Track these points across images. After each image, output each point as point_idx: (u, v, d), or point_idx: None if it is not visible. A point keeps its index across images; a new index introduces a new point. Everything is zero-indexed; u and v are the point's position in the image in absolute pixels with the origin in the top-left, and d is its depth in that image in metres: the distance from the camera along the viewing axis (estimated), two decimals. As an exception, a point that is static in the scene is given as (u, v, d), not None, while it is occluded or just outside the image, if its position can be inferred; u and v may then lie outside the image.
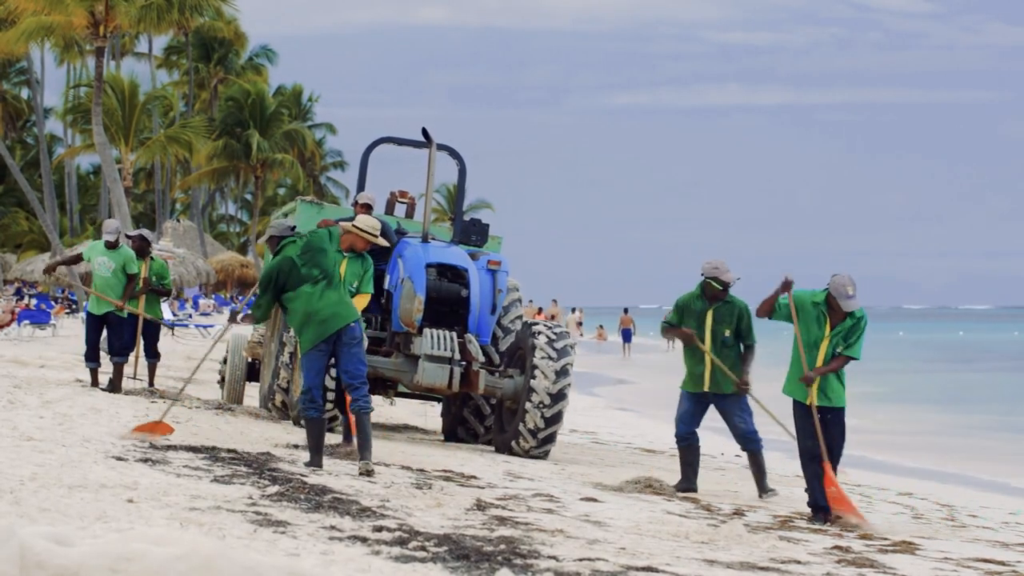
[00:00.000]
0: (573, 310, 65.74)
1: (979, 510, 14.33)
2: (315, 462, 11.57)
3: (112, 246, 17.64)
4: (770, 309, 11.90)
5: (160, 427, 12.53)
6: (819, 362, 11.71)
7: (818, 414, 11.71)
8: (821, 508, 11.63)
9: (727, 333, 13.24)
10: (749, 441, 13.23)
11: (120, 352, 17.62)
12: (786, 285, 11.86)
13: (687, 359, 13.35)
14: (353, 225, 13.35)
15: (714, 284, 13.25)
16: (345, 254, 13.53)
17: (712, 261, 13.33)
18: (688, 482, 13.28)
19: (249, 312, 12.39)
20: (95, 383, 17.63)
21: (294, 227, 12.23)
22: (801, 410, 11.79)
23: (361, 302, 14.28)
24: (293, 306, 11.79)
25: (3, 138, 69.14)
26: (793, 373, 11.84)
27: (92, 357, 17.73)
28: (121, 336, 17.68)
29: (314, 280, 11.76)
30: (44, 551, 6.11)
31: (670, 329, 13.44)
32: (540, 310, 59.53)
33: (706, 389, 13.19)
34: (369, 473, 11.45)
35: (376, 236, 13.36)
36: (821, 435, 11.68)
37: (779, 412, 12.95)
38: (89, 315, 17.92)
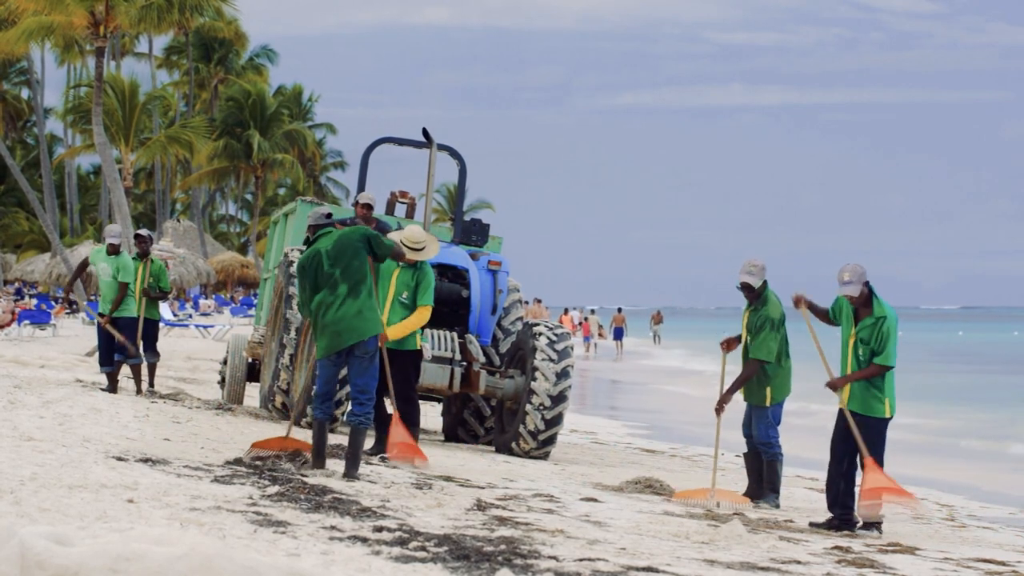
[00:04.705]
0: (592, 311, 64.71)
1: (979, 510, 14.33)
2: (316, 464, 11.29)
3: (113, 251, 17.41)
4: (827, 319, 11.65)
5: (289, 442, 11.83)
6: (849, 359, 11.24)
7: (849, 417, 11.26)
8: (838, 516, 11.34)
9: (751, 341, 12.47)
10: (762, 449, 12.60)
11: (133, 355, 17.40)
12: (797, 302, 11.62)
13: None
14: (401, 239, 13.33)
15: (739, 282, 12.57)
16: (399, 264, 13.50)
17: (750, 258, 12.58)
18: (750, 489, 12.65)
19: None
20: (112, 388, 17.28)
21: (330, 214, 11.61)
22: (838, 412, 11.43)
23: (423, 315, 13.52)
24: (311, 308, 11.35)
25: (3, 138, 69.17)
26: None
27: (106, 362, 17.44)
28: (131, 339, 17.39)
29: (333, 285, 11.19)
30: (44, 551, 6.11)
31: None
32: (566, 311, 58.31)
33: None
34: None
35: (416, 251, 13.33)
36: (859, 438, 11.23)
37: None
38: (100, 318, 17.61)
